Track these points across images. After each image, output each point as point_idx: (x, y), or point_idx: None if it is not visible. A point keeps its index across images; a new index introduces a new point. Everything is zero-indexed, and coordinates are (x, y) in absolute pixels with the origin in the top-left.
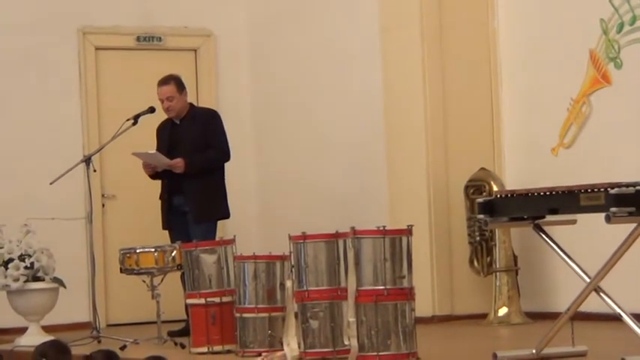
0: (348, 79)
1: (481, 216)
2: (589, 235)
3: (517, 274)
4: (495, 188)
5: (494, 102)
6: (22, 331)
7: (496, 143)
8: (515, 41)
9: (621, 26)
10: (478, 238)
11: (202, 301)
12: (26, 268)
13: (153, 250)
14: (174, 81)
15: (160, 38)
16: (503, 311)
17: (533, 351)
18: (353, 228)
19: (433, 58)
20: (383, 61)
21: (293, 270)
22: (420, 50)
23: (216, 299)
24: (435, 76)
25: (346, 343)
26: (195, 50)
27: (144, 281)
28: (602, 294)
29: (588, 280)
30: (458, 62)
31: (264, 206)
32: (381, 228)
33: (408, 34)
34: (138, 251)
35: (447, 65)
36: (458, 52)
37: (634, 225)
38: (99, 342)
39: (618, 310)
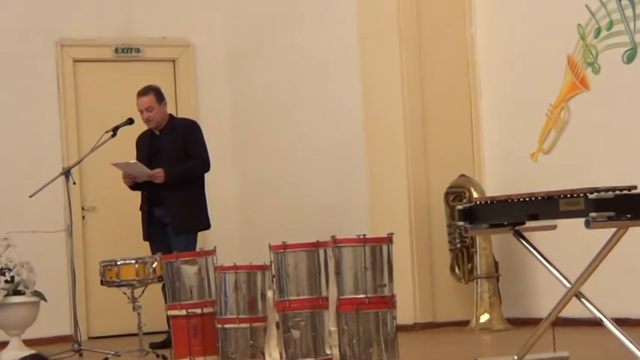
0: (327, 87)
1: (461, 223)
2: (569, 241)
3: (498, 280)
4: (475, 195)
5: (473, 108)
6: (3, 345)
7: (476, 150)
8: (494, 47)
9: (598, 31)
10: (459, 245)
11: (183, 312)
12: (7, 282)
13: (133, 261)
14: (153, 92)
15: (139, 49)
16: (484, 318)
17: (515, 357)
18: (333, 237)
19: (412, 66)
20: (361, 68)
21: (274, 280)
22: (398, 58)
23: (198, 310)
24: (414, 83)
25: (328, 352)
26: (174, 61)
27: (125, 293)
28: (583, 299)
29: (569, 285)
30: (436, 69)
31: (244, 216)
32: (362, 236)
33: (386, 42)
34: (118, 263)
35: (426, 72)
36: (436, 59)
37: (614, 230)
38: (80, 355)
39: (599, 315)
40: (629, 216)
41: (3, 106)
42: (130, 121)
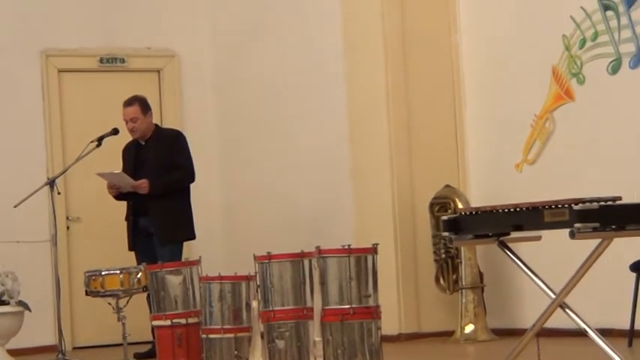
0: (313, 97)
1: (446, 233)
2: (554, 252)
3: (483, 291)
4: (460, 205)
5: (458, 119)
6: None
7: (460, 160)
8: (478, 58)
9: (583, 42)
10: (444, 256)
11: (168, 322)
12: None
13: (118, 272)
14: (138, 102)
15: (124, 60)
16: (469, 328)
17: None
18: (318, 247)
19: (396, 76)
20: (347, 79)
21: (259, 290)
22: (383, 68)
23: (182, 320)
24: (399, 94)
25: None
26: (159, 71)
27: (109, 303)
28: (567, 310)
29: (554, 296)
30: (421, 80)
31: (229, 226)
32: (346, 247)
33: (372, 52)
34: (103, 273)
35: (411, 83)
36: (421, 70)
37: (598, 240)
38: None
39: (584, 326)
40: (613, 227)
41: None
42: (115, 132)
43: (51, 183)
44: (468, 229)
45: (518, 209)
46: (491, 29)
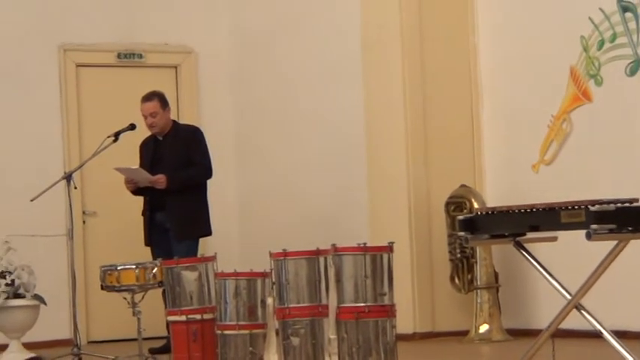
0: (329, 95)
1: (462, 233)
2: (570, 253)
3: (498, 291)
4: (476, 205)
5: (474, 118)
6: (2, 348)
7: (477, 160)
8: (496, 58)
9: (602, 43)
10: (459, 255)
11: (183, 318)
12: (7, 285)
13: (134, 267)
14: (157, 97)
15: (141, 55)
16: (484, 328)
17: None
18: (334, 245)
19: (414, 75)
20: (364, 77)
21: (274, 287)
22: (400, 67)
23: (197, 316)
24: (416, 92)
25: None
26: (176, 67)
27: (125, 298)
28: (583, 311)
29: (569, 297)
30: (438, 79)
31: (245, 223)
32: (362, 245)
33: (389, 51)
34: (119, 268)
35: (428, 82)
36: (438, 69)
37: (615, 242)
38: (80, 359)
39: (599, 327)
40: (630, 229)
41: (5, 110)
42: (132, 127)
43: (68, 177)
44: (484, 229)
45: (534, 210)
46: (510, 29)
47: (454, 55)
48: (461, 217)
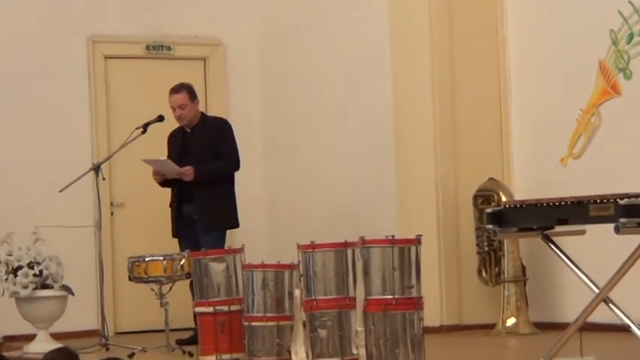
0: (358, 88)
1: (490, 226)
2: (598, 246)
3: (525, 284)
4: (504, 198)
5: (503, 112)
6: (30, 338)
7: (505, 153)
8: (525, 51)
9: (631, 37)
10: (486, 248)
11: (211, 309)
12: (35, 275)
13: (162, 258)
14: (186, 89)
15: (170, 47)
16: (511, 321)
17: None
18: (362, 237)
19: (442, 68)
20: (392, 70)
21: (301, 279)
22: (429, 59)
23: (225, 308)
24: (444, 85)
25: (354, 352)
26: (205, 59)
27: (152, 289)
28: (610, 305)
29: (597, 290)
30: (467, 72)
31: (273, 215)
32: (390, 237)
33: (417, 44)
34: (147, 259)
35: (457, 75)
36: (467, 61)
37: None
38: (107, 350)
39: (627, 321)
40: None
41: (34, 101)
42: (161, 119)
43: (96, 169)
44: (512, 222)
45: (563, 203)
46: (539, 22)
47: (483, 48)
48: (489, 210)
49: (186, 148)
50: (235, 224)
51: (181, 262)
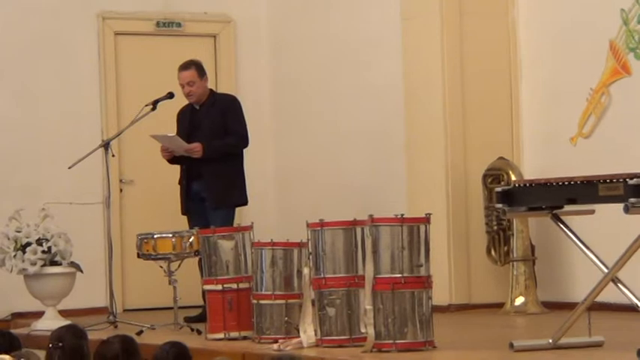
0: (368, 67)
1: (499, 205)
2: (607, 226)
3: (534, 263)
4: (514, 178)
5: (513, 91)
6: (38, 315)
7: (515, 132)
8: (535, 31)
9: None
10: (496, 228)
11: (219, 287)
12: (44, 252)
13: (170, 235)
14: (195, 66)
15: (180, 24)
16: (519, 301)
17: (550, 341)
18: (371, 216)
19: (453, 47)
20: (403, 49)
21: (310, 257)
22: (439, 39)
23: (233, 285)
24: (455, 65)
25: (363, 330)
26: (215, 36)
27: (161, 267)
28: (619, 284)
29: (606, 270)
30: (477, 51)
31: (282, 193)
32: (399, 216)
33: (428, 23)
34: (155, 237)
35: (467, 54)
36: (477, 41)
37: None
38: (115, 327)
39: (635, 301)
40: None
41: (44, 79)
42: (170, 95)
43: (105, 145)
44: (521, 202)
45: (572, 182)
46: (549, 2)
47: (493, 28)
48: (498, 189)
49: (195, 124)
50: (244, 201)
51: (190, 240)
